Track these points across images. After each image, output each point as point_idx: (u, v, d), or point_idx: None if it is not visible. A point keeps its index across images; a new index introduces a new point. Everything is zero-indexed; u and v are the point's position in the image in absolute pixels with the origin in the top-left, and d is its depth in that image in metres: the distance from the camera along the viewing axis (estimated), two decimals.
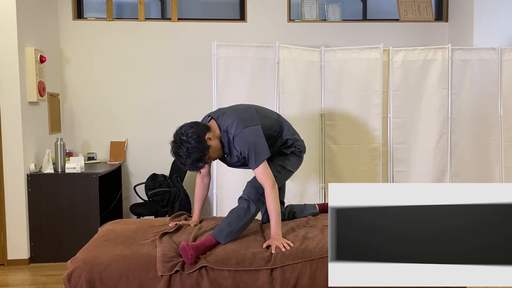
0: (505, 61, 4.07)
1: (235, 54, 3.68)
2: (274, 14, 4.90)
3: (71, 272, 2.20)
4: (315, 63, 3.90)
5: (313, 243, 2.35)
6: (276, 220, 2.42)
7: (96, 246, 2.38)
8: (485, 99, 4.06)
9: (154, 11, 4.96)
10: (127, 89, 4.79)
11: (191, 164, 2.37)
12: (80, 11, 4.84)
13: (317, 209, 2.97)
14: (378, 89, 3.89)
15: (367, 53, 3.91)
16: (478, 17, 4.56)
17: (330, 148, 3.94)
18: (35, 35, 4.12)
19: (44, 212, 3.86)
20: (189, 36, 4.83)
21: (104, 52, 4.76)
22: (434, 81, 3.98)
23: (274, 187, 2.44)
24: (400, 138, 4.00)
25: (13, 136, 3.79)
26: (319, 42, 4.86)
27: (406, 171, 4.02)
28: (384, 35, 4.95)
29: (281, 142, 2.69)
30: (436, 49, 4.00)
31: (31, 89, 3.93)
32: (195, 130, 2.35)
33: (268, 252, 2.28)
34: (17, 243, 3.85)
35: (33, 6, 4.08)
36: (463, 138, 4.04)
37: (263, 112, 2.67)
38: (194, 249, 2.23)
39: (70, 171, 3.90)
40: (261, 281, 2.19)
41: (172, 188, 4.18)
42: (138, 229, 2.65)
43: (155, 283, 2.17)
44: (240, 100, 3.41)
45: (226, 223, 2.44)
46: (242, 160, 2.51)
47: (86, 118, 4.77)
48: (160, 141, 4.76)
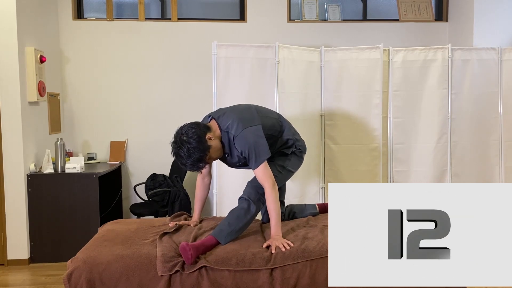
0: (505, 61, 4.07)
1: (235, 54, 3.68)
2: (274, 14, 4.90)
3: (71, 272, 2.20)
4: (315, 63, 3.90)
5: (313, 243, 2.35)
6: (276, 220, 2.42)
7: (96, 246, 2.38)
8: (485, 99, 4.06)
9: (154, 11, 4.96)
10: (127, 89, 4.79)
11: (191, 165, 2.37)
12: (80, 11, 4.84)
13: (317, 209, 2.97)
14: (378, 89, 3.89)
15: (367, 53, 3.91)
16: (478, 17, 4.56)
17: (330, 148, 3.94)
18: (35, 35, 4.12)
19: (44, 212, 3.86)
20: (189, 36, 4.83)
21: (104, 52, 4.76)
22: (434, 81, 3.98)
23: (274, 187, 2.44)
24: (400, 138, 4.00)
25: (13, 136, 3.79)
26: (319, 42, 4.85)
27: (406, 171, 4.01)
28: (384, 35, 4.95)
29: (281, 142, 2.68)
30: (436, 49, 3.99)
31: (31, 89, 3.93)
32: (195, 131, 2.35)
33: (268, 252, 2.28)
34: (17, 243, 3.85)
35: (33, 6, 4.08)
36: (463, 138, 4.04)
37: (264, 112, 2.67)
38: (194, 249, 2.23)
39: (70, 171, 3.90)
40: (261, 281, 2.19)
41: (172, 188, 4.18)
42: (138, 229, 2.65)
43: (155, 283, 2.17)
44: (240, 100, 3.40)
45: (226, 223, 2.44)
46: (243, 160, 2.51)
47: (86, 118, 4.77)
48: (160, 141, 4.75)
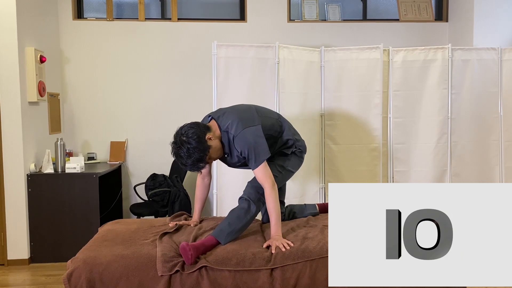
0: (505, 61, 4.07)
1: (235, 54, 3.68)
2: (274, 14, 4.90)
3: (71, 272, 2.20)
4: (315, 63, 3.90)
5: (313, 243, 2.35)
6: (276, 220, 2.42)
7: (96, 246, 2.38)
8: (485, 99, 4.06)
9: (154, 11, 4.96)
10: (127, 89, 4.79)
11: (191, 165, 2.37)
12: (80, 11, 4.84)
13: (317, 209, 2.97)
14: (378, 89, 3.89)
15: (367, 53, 3.91)
16: (478, 17, 4.56)
17: (330, 148, 3.94)
18: (35, 35, 4.12)
19: (44, 212, 3.86)
20: (189, 36, 4.83)
21: (104, 52, 4.76)
22: (434, 81, 3.98)
23: (274, 187, 2.44)
24: (400, 138, 4.00)
25: (13, 136, 3.79)
26: (319, 42, 4.85)
27: (406, 171, 4.02)
28: (384, 35, 4.95)
29: (281, 143, 2.68)
30: (436, 49, 3.99)
31: (31, 89, 3.93)
32: (195, 131, 2.35)
33: (268, 252, 2.28)
34: (17, 243, 3.85)
35: (33, 6, 4.08)
36: (463, 138, 4.04)
37: (264, 112, 2.67)
38: (194, 249, 2.23)
39: (70, 171, 3.90)
40: (261, 281, 2.19)
41: (172, 188, 4.18)
42: (138, 229, 2.65)
43: (155, 283, 2.17)
44: (240, 100, 3.41)
45: (226, 223, 2.44)
46: (243, 160, 2.51)
47: (86, 118, 4.77)
48: (160, 141, 4.75)
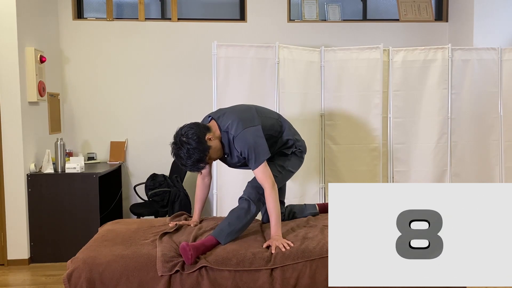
0: (505, 61, 4.07)
1: (235, 54, 3.68)
2: (274, 14, 4.90)
3: (71, 272, 2.20)
4: (315, 63, 3.90)
5: (313, 243, 2.35)
6: (276, 220, 2.42)
7: (96, 246, 2.38)
8: (485, 99, 4.06)
9: (154, 11, 4.96)
10: (127, 89, 4.79)
11: (192, 165, 2.37)
12: (80, 11, 4.84)
13: (317, 209, 2.97)
14: (378, 89, 3.89)
15: (367, 53, 3.91)
16: (478, 17, 4.56)
17: (330, 148, 3.94)
18: (35, 35, 4.12)
19: (44, 212, 3.86)
20: (189, 36, 4.83)
21: (104, 52, 4.76)
22: (434, 81, 3.98)
23: (274, 187, 2.44)
24: (400, 138, 4.00)
25: (13, 136, 3.79)
26: (319, 42, 4.86)
27: (406, 171, 4.02)
28: (384, 35, 4.95)
29: (281, 143, 2.68)
30: (436, 49, 4.00)
31: (31, 89, 3.93)
32: (195, 131, 2.35)
33: (268, 252, 2.28)
34: (17, 243, 3.85)
35: (33, 6, 4.08)
36: (463, 138, 4.04)
37: (264, 112, 2.66)
38: (194, 249, 2.23)
39: (70, 171, 3.90)
40: (261, 281, 2.19)
41: (172, 188, 4.18)
42: (138, 229, 2.65)
43: (155, 283, 2.17)
44: (240, 100, 3.41)
45: (226, 223, 2.44)
46: (243, 161, 2.51)
47: (86, 118, 4.77)
48: (160, 141, 4.76)
